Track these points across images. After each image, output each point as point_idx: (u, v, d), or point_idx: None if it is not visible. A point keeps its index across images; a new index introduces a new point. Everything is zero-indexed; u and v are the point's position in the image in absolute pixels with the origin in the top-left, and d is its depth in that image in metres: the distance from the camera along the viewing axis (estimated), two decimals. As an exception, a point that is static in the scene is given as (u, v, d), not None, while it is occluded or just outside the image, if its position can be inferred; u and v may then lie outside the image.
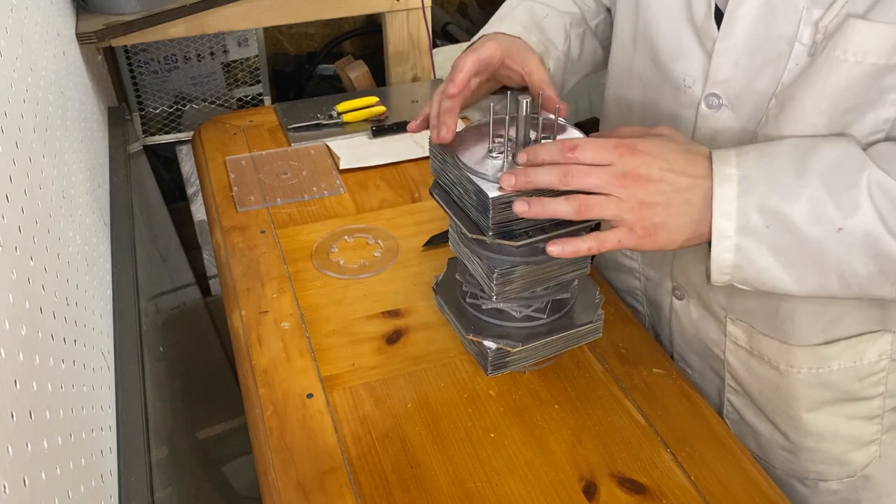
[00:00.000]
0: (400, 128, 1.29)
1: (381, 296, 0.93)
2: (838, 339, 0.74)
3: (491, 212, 0.65)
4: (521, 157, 0.67)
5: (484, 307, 0.78)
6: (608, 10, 0.90)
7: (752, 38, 0.66)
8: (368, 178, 1.18)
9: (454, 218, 0.72)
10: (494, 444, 0.75)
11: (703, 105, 0.72)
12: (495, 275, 0.70)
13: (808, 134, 0.65)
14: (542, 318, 0.77)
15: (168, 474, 0.88)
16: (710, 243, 0.63)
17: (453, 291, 0.82)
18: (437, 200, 0.75)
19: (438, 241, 1.02)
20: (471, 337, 0.77)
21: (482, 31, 0.84)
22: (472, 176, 0.68)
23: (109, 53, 1.64)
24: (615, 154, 0.63)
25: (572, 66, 0.89)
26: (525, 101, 0.67)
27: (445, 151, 0.72)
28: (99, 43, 1.25)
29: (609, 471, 0.72)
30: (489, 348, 0.76)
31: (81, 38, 1.23)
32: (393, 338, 0.87)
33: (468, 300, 0.80)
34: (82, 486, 0.61)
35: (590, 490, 0.70)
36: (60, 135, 0.89)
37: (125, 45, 1.62)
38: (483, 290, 0.74)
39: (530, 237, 0.68)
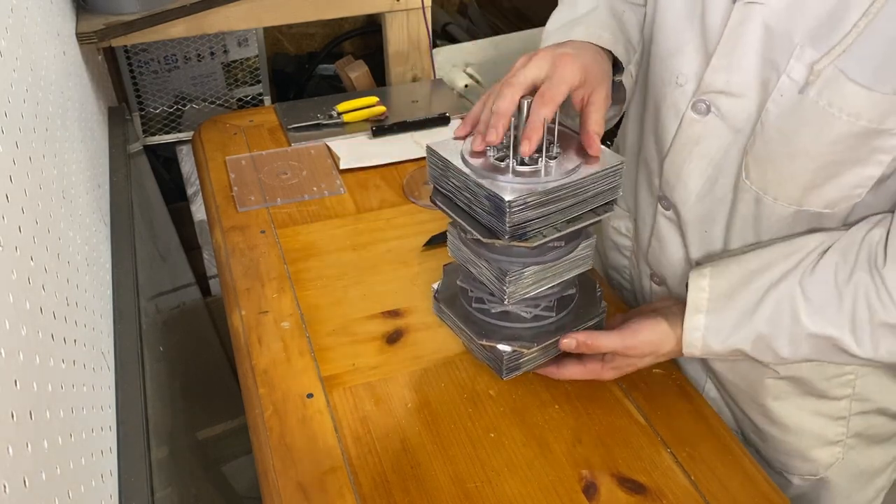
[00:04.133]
0: (400, 128, 1.29)
1: (381, 296, 0.93)
2: None
3: (507, 215, 0.65)
4: None
5: (492, 311, 0.78)
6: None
7: (753, 60, 0.66)
8: (368, 178, 1.18)
9: (463, 223, 0.71)
10: (494, 444, 0.75)
11: (689, 110, 0.72)
12: (508, 277, 0.70)
13: (793, 175, 0.68)
14: (550, 317, 0.77)
15: (168, 474, 0.88)
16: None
17: (456, 299, 0.82)
18: (441, 208, 0.74)
19: (438, 241, 1.02)
20: (483, 342, 0.76)
21: (563, 19, 0.78)
22: (481, 180, 0.67)
23: (109, 53, 1.64)
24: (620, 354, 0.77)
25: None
26: (526, 103, 0.67)
27: (448, 156, 0.71)
28: (99, 43, 1.25)
29: (609, 471, 0.72)
30: (504, 352, 0.75)
31: (81, 38, 1.23)
32: (393, 338, 0.87)
33: (474, 305, 0.79)
34: (82, 486, 0.61)
35: (590, 490, 0.70)
36: (60, 135, 0.89)
37: (125, 45, 1.62)
38: (492, 294, 0.74)
39: (544, 237, 0.68)
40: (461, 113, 1.36)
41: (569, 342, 0.74)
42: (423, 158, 1.22)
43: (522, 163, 0.67)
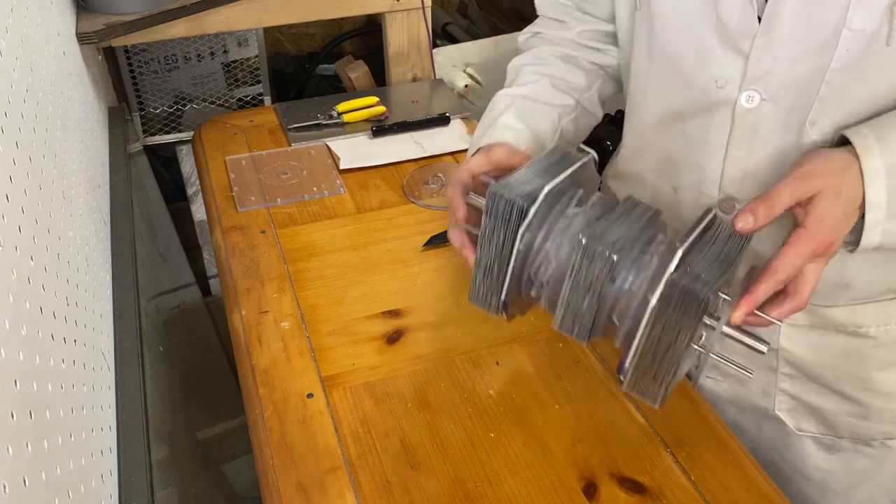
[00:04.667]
0: (400, 128, 1.29)
1: (381, 296, 0.93)
2: None
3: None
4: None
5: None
6: (602, 69, 0.90)
7: (794, 31, 0.66)
8: (368, 178, 1.18)
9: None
10: (494, 444, 0.75)
11: (741, 102, 0.72)
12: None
13: (877, 109, 0.66)
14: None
15: (168, 474, 0.88)
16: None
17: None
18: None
19: (438, 241, 1.02)
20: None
21: (474, 140, 0.84)
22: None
23: (109, 53, 1.63)
24: (812, 258, 0.63)
25: (572, 140, 0.90)
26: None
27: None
28: (99, 43, 1.25)
29: (609, 471, 0.72)
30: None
31: (81, 38, 1.23)
32: (393, 338, 0.87)
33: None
34: (82, 486, 0.61)
35: (590, 490, 0.70)
36: (60, 135, 0.89)
37: (125, 45, 1.62)
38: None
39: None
40: (461, 113, 1.36)
41: (745, 218, 0.63)
42: (423, 158, 1.22)
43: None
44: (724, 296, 0.60)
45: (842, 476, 0.88)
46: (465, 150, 1.23)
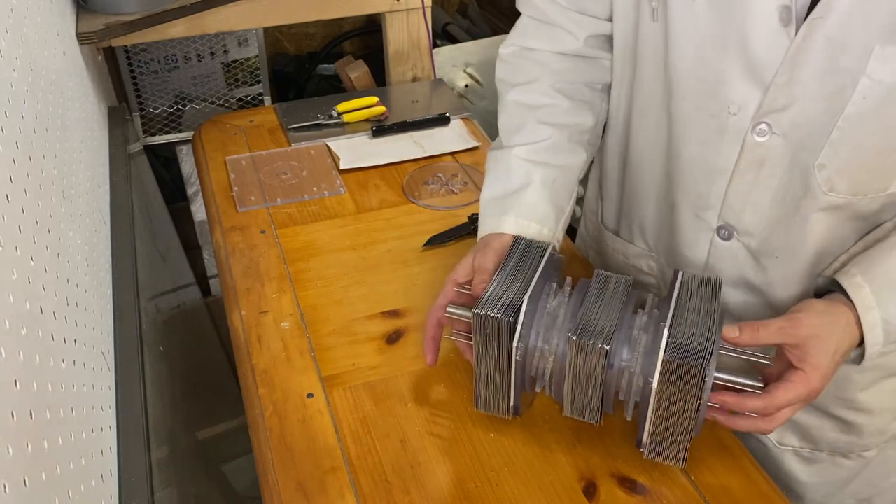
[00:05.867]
0: (400, 128, 1.29)
1: (381, 296, 0.93)
2: None
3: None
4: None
5: None
6: (601, 93, 0.88)
7: (817, 71, 0.66)
8: (368, 178, 1.18)
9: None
10: (494, 444, 0.75)
11: (751, 133, 0.71)
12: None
13: (890, 163, 0.68)
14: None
15: (168, 474, 0.88)
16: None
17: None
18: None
19: (438, 241, 1.02)
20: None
21: (495, 191, 0.81)
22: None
23: (109, 53, 1.63)
24: (808, 397, 0.67)
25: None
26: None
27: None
28: (99, 43, 1.25)
29: (609, 471, 0.72)
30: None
31: (81, 38, 1.23)
32: (393, 338, 0.87)
33: None
34: (82, 486, 0.61)
35: (590, 490, 0.70)
36: (60, 135, 0.89)
37: (125, 45, 1.62)
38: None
39: None
40: (461, 113, 1.36)
41: (732, 329, 0.66)
42: (423, 158, 1.22)
43: None
44: (716, 354, 0.64)
45: (818, 487, 0.90)
46: (465, 150, 1.24)
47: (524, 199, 0.79)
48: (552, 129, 0.83)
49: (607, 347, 0.65)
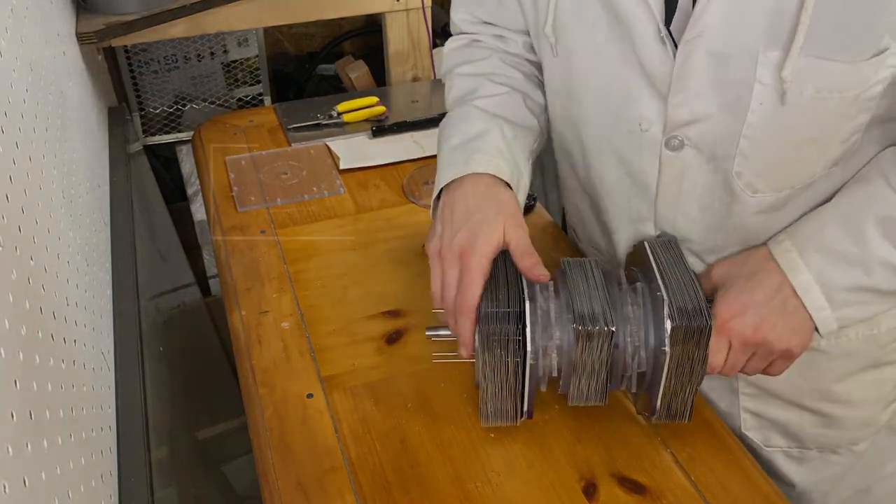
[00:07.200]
0: (400, 128, 1.29)
1: (381, 296, 0.93)
2: None
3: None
4: None
5: None
6: (541, 88, 0.86)
7: (706, 87, 0.66)
8: (368, 178, 1.18)
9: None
10: (494, 444, 0.75)
11: (664, 148, 0.72)
12: None
13: (803, 159, 0.68)
14: None
15: (168, 474, 0.88)
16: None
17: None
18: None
19: (438, 241, 1.02)
20: None
21: (459, 136, 0.78)
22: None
23: (109, 53, 1.63)
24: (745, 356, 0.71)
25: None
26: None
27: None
28: (99, 43, 1.25)
29: (609, 471, 0.72)
30: None
31: (81, 38, 1.23)
32: (393, 338, 0.87)
33: None
34: (82, 486, 0.61)
35: (590, 490, 0.70)
36: (60, 135, 0.89)
37: (125, 45, 1.62)
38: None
39: None
40: (461, 113, 1.35)
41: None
42: (423, 158, 1.22)
43: None
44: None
45: (814, 485, 0.90)
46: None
47: (490, 142, 0.77)
48: (508, 89, 0.82)
49: (612, 329, 0.67)
